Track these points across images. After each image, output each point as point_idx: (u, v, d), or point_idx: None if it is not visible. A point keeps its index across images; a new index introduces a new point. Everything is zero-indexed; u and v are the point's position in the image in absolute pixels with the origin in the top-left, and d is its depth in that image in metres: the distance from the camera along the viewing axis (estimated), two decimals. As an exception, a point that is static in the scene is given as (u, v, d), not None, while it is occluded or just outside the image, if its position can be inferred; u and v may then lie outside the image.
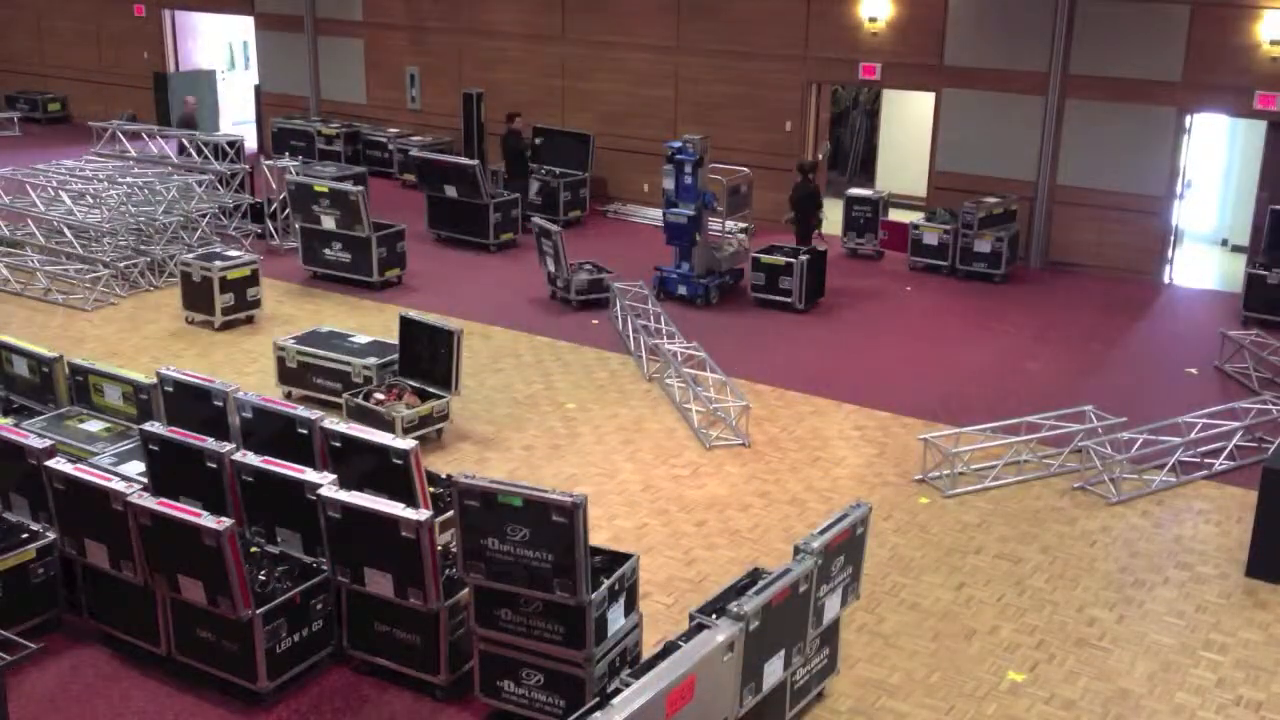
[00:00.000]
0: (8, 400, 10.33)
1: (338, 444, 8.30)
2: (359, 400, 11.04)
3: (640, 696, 5.66)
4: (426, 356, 11.25)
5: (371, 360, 11.54)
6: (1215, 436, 11.03)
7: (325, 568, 7.66)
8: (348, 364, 11.57)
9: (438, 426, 11.10)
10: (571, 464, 10.82)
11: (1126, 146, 16.28)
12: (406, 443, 8.08)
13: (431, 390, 11.14)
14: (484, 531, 6.89)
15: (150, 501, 7.30)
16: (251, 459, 7.95)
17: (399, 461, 7.96)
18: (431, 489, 8.29)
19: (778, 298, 14.98)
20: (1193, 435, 10.93)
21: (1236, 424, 11.18)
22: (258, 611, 7.23)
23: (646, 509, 9.97)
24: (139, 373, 9.99)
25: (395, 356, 11.54)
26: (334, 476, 7.78)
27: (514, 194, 17.94)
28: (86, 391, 9.93)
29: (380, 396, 11.08)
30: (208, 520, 7.07)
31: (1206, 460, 10.90)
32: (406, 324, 11.42)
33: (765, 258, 15.10)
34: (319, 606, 7.63)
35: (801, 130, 18.67)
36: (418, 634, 7.48)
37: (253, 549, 7.79)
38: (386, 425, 10.39)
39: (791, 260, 14.87)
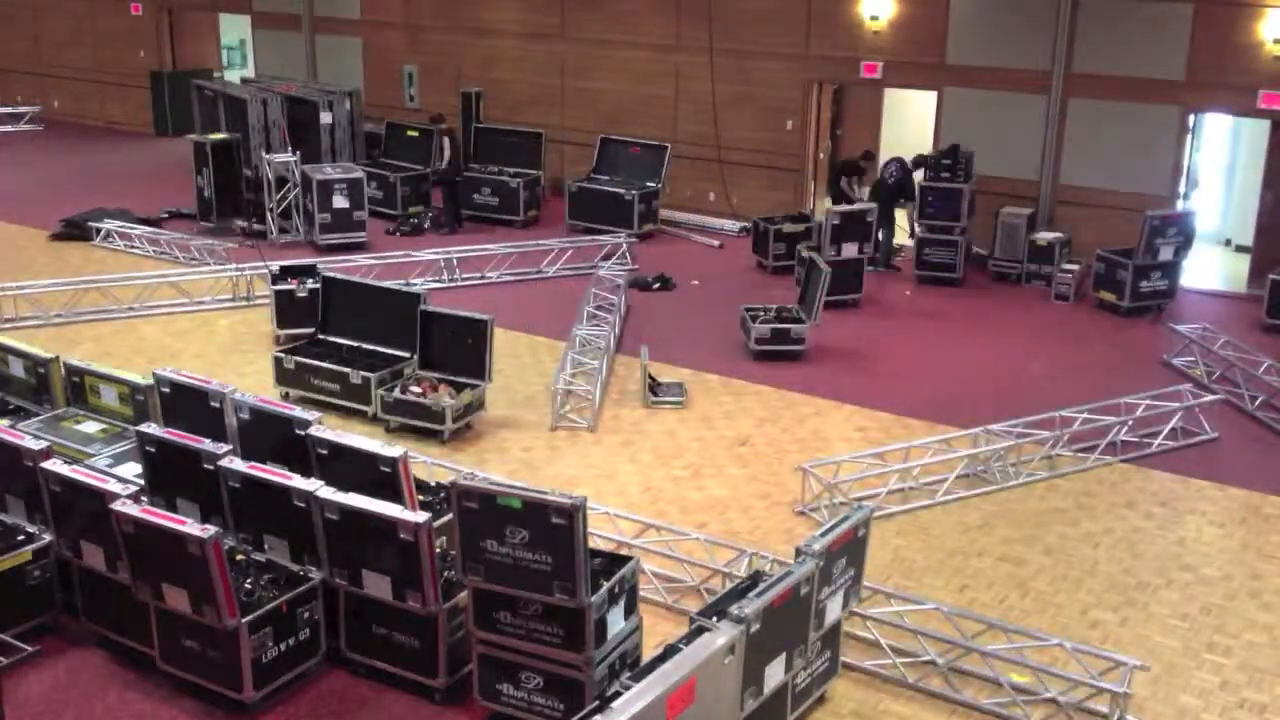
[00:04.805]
0: (4, 401, 10.26)
1: (324, 451, 8.17)
2: (396, 394, 11.17)
3: (640, 699, 5.61)
4: (452, 348, 11.42)
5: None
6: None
7: (313, 576, 7.59)
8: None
9: (470, 417, 11.36)
10: (571, 465, 10.77)
11: (1130, 146, 16.22)
12: (394, 450, 7.96)
13: (460, 380, 11.31)
14: (483, 533, 6.84)
15: (134, 509, 7.21)
16: (239, 465, 7.86)
17: (387, 469, 7.86)
18: (421, 497, 8.18)
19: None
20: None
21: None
22: (244, 620, 7.14)
23: (646, 510, 9.90)
24: (135, 373, 9.93)
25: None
26: (321, 482, 7.66)
27: None
28: (83, 392, 9.87)
29: (417, 390, 11.20)
30: (192, 528, 7.00)
31: (1145, 440, 11.16)
32: (428, 317, 11.54)
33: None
34: (306, 615, 7.54)
35: (802, 129, 18.62)
36: (416, 637, 7.43)
37: (239, 557, 7.72)
38: (435, 416, 10.85)
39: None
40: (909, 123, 19.79)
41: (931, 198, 16.15)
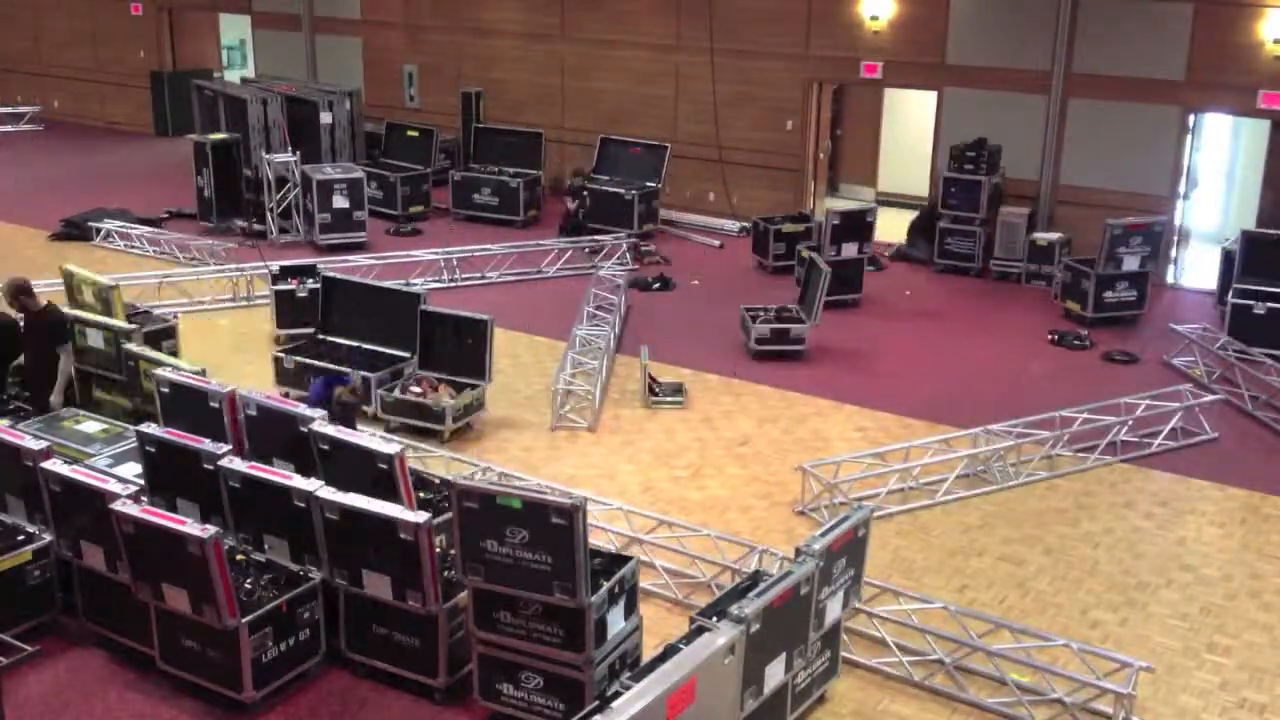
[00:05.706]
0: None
1: (325, 446, 8.18)
2: (396, 394, 11.17)
3: (640, 700, 5.61)
4: (452, 347, 11.46)
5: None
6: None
7: (313, 576, 7.58)
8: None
9: (470, 417, 11.34)
10: (571, 465, 10.76)
11: (1130, 146, 16.20)
12: (392, 447, 7.96)
13: (461, 380, 11.33)
14: (483, 533, 6.83)
15: (134, 509, 7.21)
16: (239, 465, 7.86)
17: (384, 466, 7.84)
18: (420, 494, 8.17)
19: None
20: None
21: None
22: (243, 620, 7.14)
23: (647, 510, 9.90)
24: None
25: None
26: (321, 482, 7.66)
27: None
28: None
29: (417, 390, 11.22)
30: (192, 528, 6.99)
31: (1145, 440, 11.14)
32: (427, 317, 11.56)
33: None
34: (306, 615, 7.53)
35: (802, 129, 18.61)
36: (416, 637, 7.43)
37: (239, 557, 7.71)
38: (435, 416, 10.86)
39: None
40: (909, 124, 19.81)
41: (954, 189, 16.24)
